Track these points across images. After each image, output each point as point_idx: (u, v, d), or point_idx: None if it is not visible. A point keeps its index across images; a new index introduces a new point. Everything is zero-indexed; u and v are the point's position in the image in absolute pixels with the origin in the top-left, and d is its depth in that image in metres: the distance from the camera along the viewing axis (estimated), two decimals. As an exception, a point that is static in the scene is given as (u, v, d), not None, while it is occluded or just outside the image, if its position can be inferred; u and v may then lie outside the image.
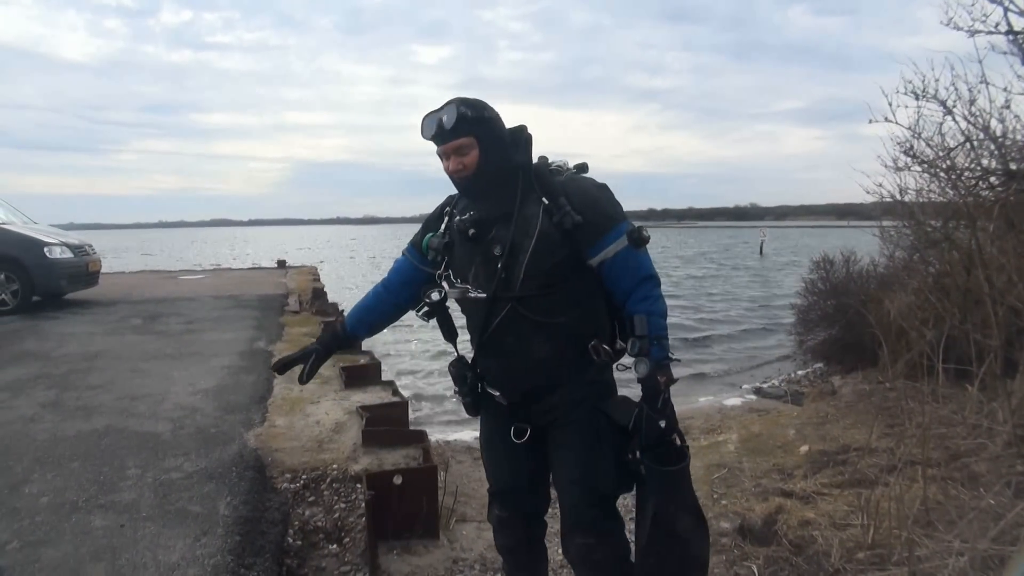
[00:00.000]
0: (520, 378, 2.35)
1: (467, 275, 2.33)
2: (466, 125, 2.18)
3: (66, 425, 4.90)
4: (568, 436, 2.35)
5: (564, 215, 2.18)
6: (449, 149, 2.22)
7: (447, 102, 2.21)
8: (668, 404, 2.18)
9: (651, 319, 2.19)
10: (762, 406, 8.05)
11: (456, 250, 2.38)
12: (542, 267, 2.21)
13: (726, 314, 16.71)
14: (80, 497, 3.75)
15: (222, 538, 3.35)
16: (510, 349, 2.30)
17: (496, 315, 2.26)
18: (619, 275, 2.27)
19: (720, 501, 4.30)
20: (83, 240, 11.84)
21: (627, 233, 2.23)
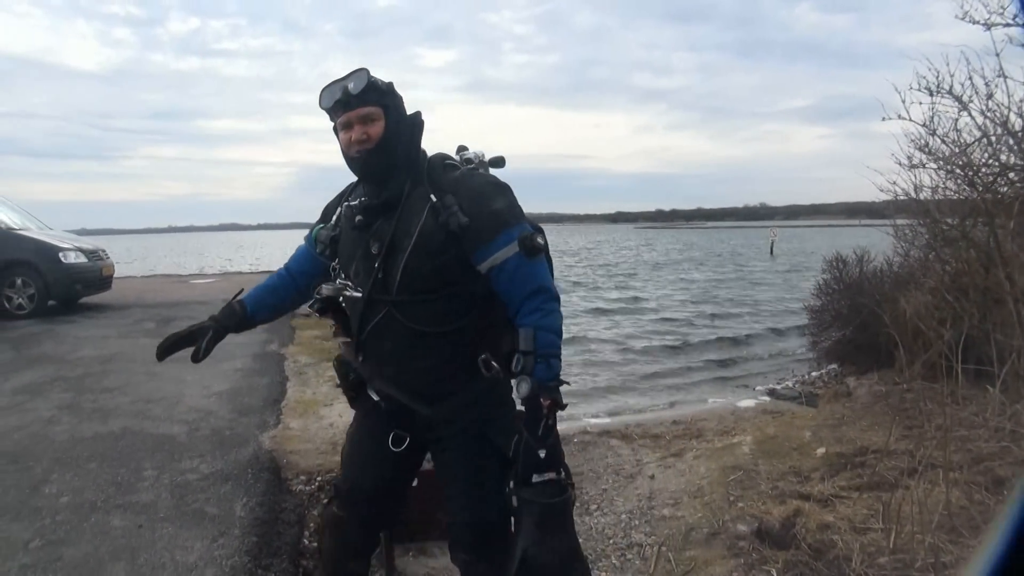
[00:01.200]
0: (398, 386, 2.18)
1: (350, 269, 2.19)
2: (375, 94, 2.06)
3: (83, 427, 5.03)
4: (452, 462, 2.25)
5: (450, 215, 2.02)
6: (354, 117, 2.05)
7: (350, 72, 2.07)
8: (550, 431, 1.96)
9: (539, 334, 1.99)
10: (776, 408, 8.04)
11: (343, 242, 2.24)
12: (421, 270, 2.05)
13: (737, 315, 16.66)
14: (99, 497, 3.86)
15: (239, 539, 3.44)
16: (386, 355, 2.16)
17: (371, 318, 2.13)
18: (507, 285, 2.07)
19: (737, 504, 4.32)
20: (96, 245, 12.03)
21: (519, 239, 2.04)
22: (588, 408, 8.60)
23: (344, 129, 2.09)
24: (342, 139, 2.11)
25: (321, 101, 2.10)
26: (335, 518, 2.50)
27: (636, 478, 5.02)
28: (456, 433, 2.20)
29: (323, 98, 2.09)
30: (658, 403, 9.03)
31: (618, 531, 4.15)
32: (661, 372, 10.74)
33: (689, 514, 4.22)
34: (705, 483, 4.71)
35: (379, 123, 2.06)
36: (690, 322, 15.43)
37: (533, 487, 1.93)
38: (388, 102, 2.08)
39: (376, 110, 2.06)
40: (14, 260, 10.48)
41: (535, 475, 1.93)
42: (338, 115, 2.08)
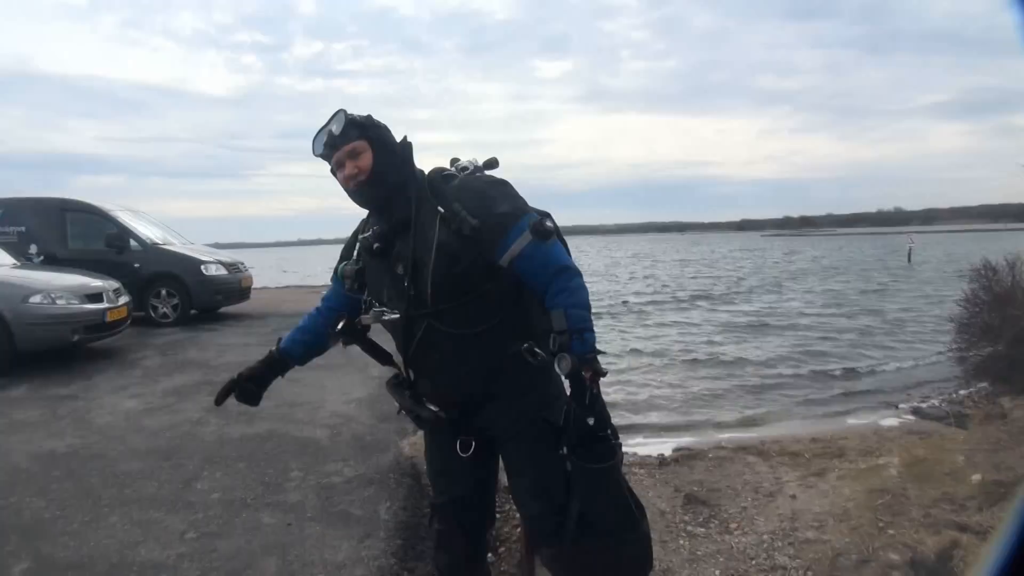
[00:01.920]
0: (452, 393, 2.28)
1: (382, 296, 2.27)
2: (356, 129, 2.17)
3: (230, 428, 5.25)
4: (517, 450, 2.32)
5: (461, 221, 2.11)
6: (342, 155, 2.17)
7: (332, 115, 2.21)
8: (596, 399, 2.06)
9: (569, 312, 2.08)
10: (922, 428, 7.60)
11: (368, 273, 2.33)
12: (449, 279, 2.13)
13: (875, 327, 15.90)
14: (248, 495, 4.02)
15: (384, 541, 3.50)
16: (436, 365, 2.23)
17: (414, 334, 2.20)
18: (531, 272, 2.16)
19: (886, 530, 4.09)
20: (235, 258, 12.64)
21: (530, 227, 2.13)
22: (719, 417, 8.41)
23: (339, 168, 2.20)
24: (339, 179, 2.22)
25: (313, 149, 2.23)
26: (439, 534, 2.56)
27: (776, 497, 4.83)
28: (515, 424, 2.27)
29: (315, 146, 2.23)
30: (793, 418, 8.72)
31: (760, 552, 3.99)
32: (794, 385, 10.35)
33: (835, 538, 4.03)
34: (851, 506, 4.49)
35: (366, 154, 2.16)
36: (823, 334, 14.83)
37: (584, 453, 2.05)
38: (371, 134, 2.19)
39: (361, 143, 2.16)
40: (159, 273, 11.17)
41: (586, 440, 2.04)
42: (330, 157, 2.20)
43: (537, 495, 2.29)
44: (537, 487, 2.28)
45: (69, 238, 11.34)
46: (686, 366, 11.44)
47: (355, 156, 2.15)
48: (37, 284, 7.73)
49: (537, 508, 2.30)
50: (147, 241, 11.44)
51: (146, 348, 8.91)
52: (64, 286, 7.88)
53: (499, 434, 2.31)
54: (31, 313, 7.36)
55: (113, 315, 8.19)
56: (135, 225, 11.66)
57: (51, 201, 11.63)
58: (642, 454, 6.23)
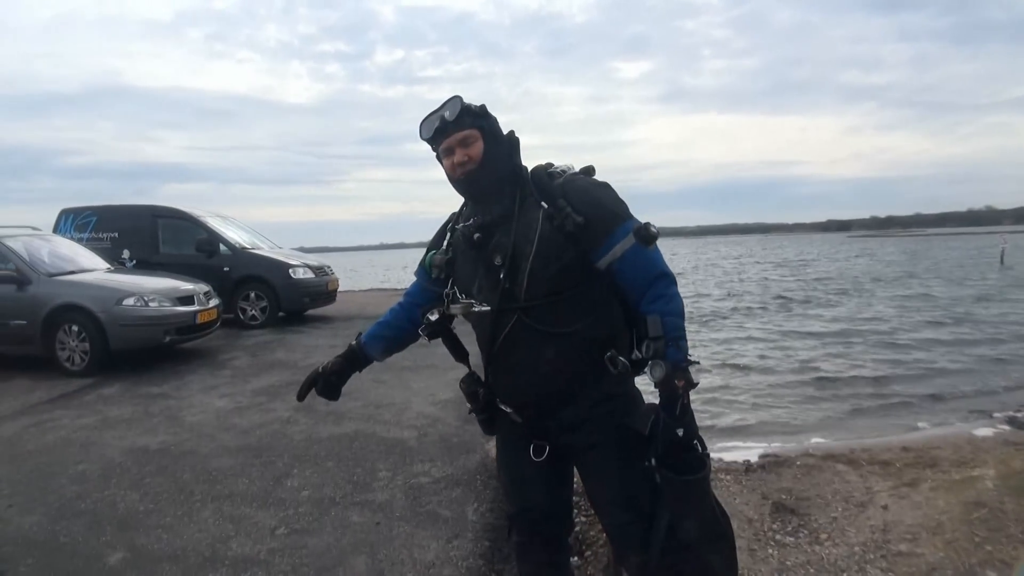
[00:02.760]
0: (532, 393, 2.23)
1: (471, 288, 2.24)
2: (470, 117, 2.16)
3: (319, 428, 5.32)
4: (598, 459, 2.25)
5: (565, 217, 2.09)
6: (454, 141, 2.16)
7: (446, 101, 2.20)
8: (687, 410, 2.04)
9: (666, 319, 2.07)
10: (1019, 438, 7.22)
11: (459, 264, 2.30)
12: (546, 274, 2.11)
13: (965, 331, 15.28)
14: (337, 494, 4.05)
15: (472, 542, 3.49)
16: (519, 363, 2.19)
17: (503, 328, 2.16)
18: (630, 276, 2.14)
19: (984, 546, 3.90)
20: (322, 262, 12.87)
21: (634, 231, 2.10)
22: (805, 422, 8.19)
23: (447, 155, 2.19)
24: (446, 165, 2.21)
25: (421, 133, 2.22)
26: (519, 545, 2.53)
27: (867, 507, 4.65)
28: (598, 432, 2.22)
29: (423, 130, 2.21)
30: (882, 425, 8.43)
31: (851, 564, 3.85)
32: (883, 391, 10.01)
33: (929, 552, 3.85)
34: (945, 519, 4.29)
35: (478, 144, 2.16)
36: (910, 340, 14.33)
37: (673, 465, 2.04)
38: (483, 124, 2.18)
39: (473, 132, 2.15)
40: (248, 276, 11.46)
41: (675, 451, 2.04)
42: (439, 143, 2.19)
43: (622, 504, 2.24)
44: (622, 496, 2.23)
45: (161, 243, 11.75)
46: (775, 373, 11.18)
47: (466, 144, 2.15)
48: (130, 287, 8.03)
49: (623, 518, 2.26)
50: (236, 245, 11.74)
51: (235, 349, 9.14)
52: (156, 289, 8.16)
53: (578, 441, 2.25)
54: (124, 315, 7.64)
55: (203, 317, 8.44)
56: (224, 230, 12.01)
57: (143, 208, 12.08)
58: (728, 460, 6.09)
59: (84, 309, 7.58)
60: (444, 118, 2.14)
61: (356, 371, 2.63)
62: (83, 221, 11.87)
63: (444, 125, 2.15)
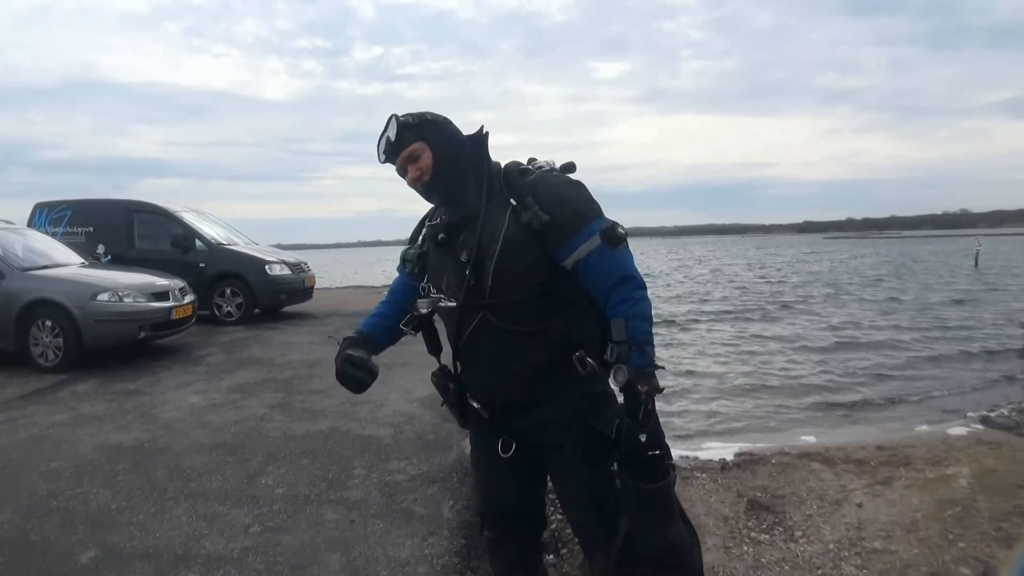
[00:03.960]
0: (497, 390, 2.24)
1: (441, 284, 2.26)
2: (410, 132, 2.17)
3: (294, 425, 5.31)
4: (565, 458, 2.24)
5: (532, 215, 2.08)
6: (403, 160, 2.19)
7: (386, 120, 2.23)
8: (650, 415, 2.01)
9: (630, 323, 2.04)
10: (991, 438, 7.36)
11: (431, 259, 2.33)
12: (511, 272, 2.10)
13: (940, 333, 15.43)
14: (312, 491, 4.05)
15: (448, 540, 3.50)
16: (485, 360, 2.21)
17: (467, 325, 2.17)
18: (594, 277, 2.12)
19: (957, 543, 3.97)
20: (299, 258, 12.84)
21: (600, 231, 2.09)
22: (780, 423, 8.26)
23: (404, 174, 2.23)
24: (407, 181, 2.24)
25: (379, 159, 2.25)
26: (490, 542, 2.54)
27: (842, 505, 4.72)
28: (565, 432, 2.21)
29: (378, 155, 2.25)
30: (857, 424, 8.52)
31: (827, 561, 3.90)
32: (857, 391, 10.11)
33: (903, 549, 3.92)
34: (919, 516, 4.36)
35: (425, 155, 2.17)
36: (884, 342, 14.48)
37: (635, 470, 2.01)
38: (426, 134, 2.19)
39: (418, 145, 2.17)
40: (224, 272, 11.41)
41: (636, 458, 2.01)
42: (393, 163, 2.23)
43: (586, 504, 2.25)
44: (586, 496, 2.24)
45: (136, 238, 11.67)
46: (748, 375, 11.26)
47: (414, 159, 2.18)
48: (104, 282, 7.95)
49: (586, 517, 2.27)
50: (212, 241, 11.70)
51: (210, 346, 9.10)
52: (130, 284, 8.09)
53: (545, 440, 2.25)
54: (98, 310, 7.57)
55: (178, 313, 8.39)
56: (200, 226, 11.94)
57: (119, 203, 11.99)
58: (704, 458, 6.15)
59: (58, 304, 7.50)
60: (388, 140, 2.18)
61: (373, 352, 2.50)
62: (57, 215, 11.77)
63: (390, 147, 2.19)
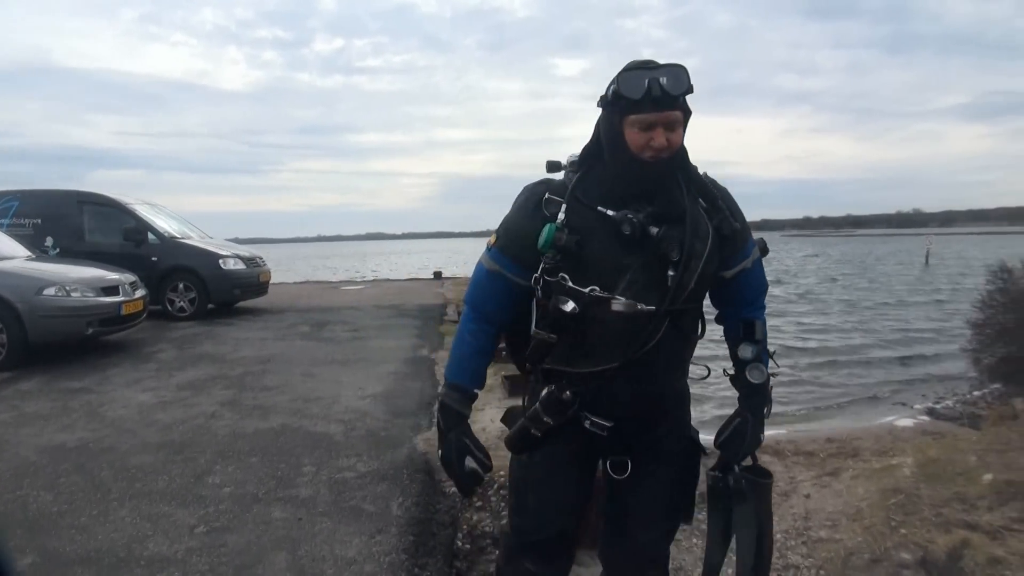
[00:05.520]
0: (653, 404, 2.04)
1: (613, 283, 1.90)
2: (683, 97, 1.85)
3: (244, 423, 5.25)
4: (661, 468, 2.11)
5: (723, 220, 1.96)
6: (662, 120, 1.81)
7: (663, 64, 1.83)
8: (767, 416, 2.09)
9: (766, 327, 2.12)
10: (936, 428, 7.56)
11: (594, 251, 1.91)
12: (707, 276, 1.97)
13: (891, 328, 15.75)
14: (260, 490, 4.00)
15: (396, 537, 3.47)
16: (660, 372, 1.99)
17: (656, 331, 1.92)
18: (750, 287, 2.12)
19: (899, 530, 4.06)
20: (254, 253, 12.69)
21: (758, 244, 2.11)
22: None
23: (643, 129, 1.83)
24: (635, 138, 1.84)
25: (625, 87, 1.82)
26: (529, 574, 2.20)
27: (790, 496, 4.81)
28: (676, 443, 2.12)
29: (630, 86, 1.82)
30: (808, 418, 8.66)
31: (773, 551, 3.97)
32: (808, 386, 10.28)
33: (848, 537, 4.00)
34: (864, 506, 4.46)
35: (679, 131, 1.88)
36: (838, 336, 14.73)
37: (756, 469, 2.06)
38: (686, 108, 1.88)
39: (681, 116, 1.86)
40: (177, 266, 11.21)
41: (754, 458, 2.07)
42: (642, 111, 1.82)
43: (663, 519, 2.16)
44: (667, 512, 2.16)
45: (86, 231, 11.41)
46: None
47: (671, 128, 1.84)
48: (51, 276, 7.75)
49: (657, 533, 2.17)
50: (165, 235, 11.49)
51: (162, 342, 8.96)
52: (79, 278, 7.91)
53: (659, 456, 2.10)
54: (44, 305, 7.39)
55: (129, 308, 8.24)
56: (153, 218, 11.72)
57: (68, 194, 11.70)
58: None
59: (1, 299, 7.28)
60: (664, 88, 1.79)
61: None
62: (3, 206, 11.44)
63: (663, 97, 1.80)
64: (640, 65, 1.84)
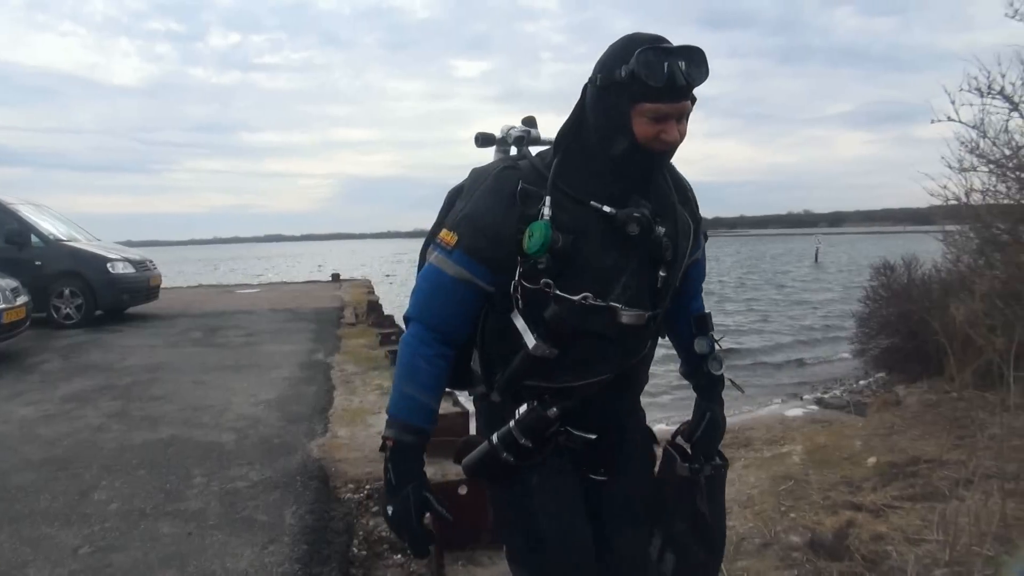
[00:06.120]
0: (625, 411, 1.94)
1: (607, 288, 1.69)
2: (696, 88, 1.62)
3: (132, 434, 5.08)
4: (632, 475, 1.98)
5: (692, 211, 1.81)
6: (677, 111, 1.59)
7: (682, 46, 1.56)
8: None
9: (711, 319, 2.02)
10: (825, 417, 7.94)
11: (587, 253, 1.67)
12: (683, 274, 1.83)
13: (783, 323, 16.38)
14: (148, 504, 3.88)
15: (289, 547, 3.42)
16: (639, 378, 1.91)
17: (649, 337, 1.80)
18: (696, 277, 1.99)
19: (788, 514, 4.24)
20: (144, 256, 12.24)
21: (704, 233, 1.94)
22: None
23: (655, 119, 1.58)
24: (643, 128, 1.59)
25: (646, 70, 1.53)
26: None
27: (684, 487, 4.96)
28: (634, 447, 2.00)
29: (652, 71, 1.52)
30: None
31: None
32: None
33: (740, 524, 4.14)
34: (755, 492, 4.64)
35: (685, 122, 1.64)
36: (731, 331, 15.19)
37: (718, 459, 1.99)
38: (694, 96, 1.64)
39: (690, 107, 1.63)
40: (63, 271, 10.70)
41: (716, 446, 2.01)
42: (660, 100, 1.56)
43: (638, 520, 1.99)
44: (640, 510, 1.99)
45: (-38, 233, 10.78)
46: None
47: (681, 119, 1.62)
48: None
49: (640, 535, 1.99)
50: (50, 237, 10.95)
51: (46, 351, 8.57)
52: (-46, 288, 7.48)
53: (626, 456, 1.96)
54: (-82, 317, 6.96)
55: (10, 316, 7.84)
56: (37, 220, 11.15)
57: (-57, 193, 11.03)
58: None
59: None
60: (688, 77, 1.54)
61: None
62: None
63: (685, 83, 1.55)
64: (653, 41, 1.56)
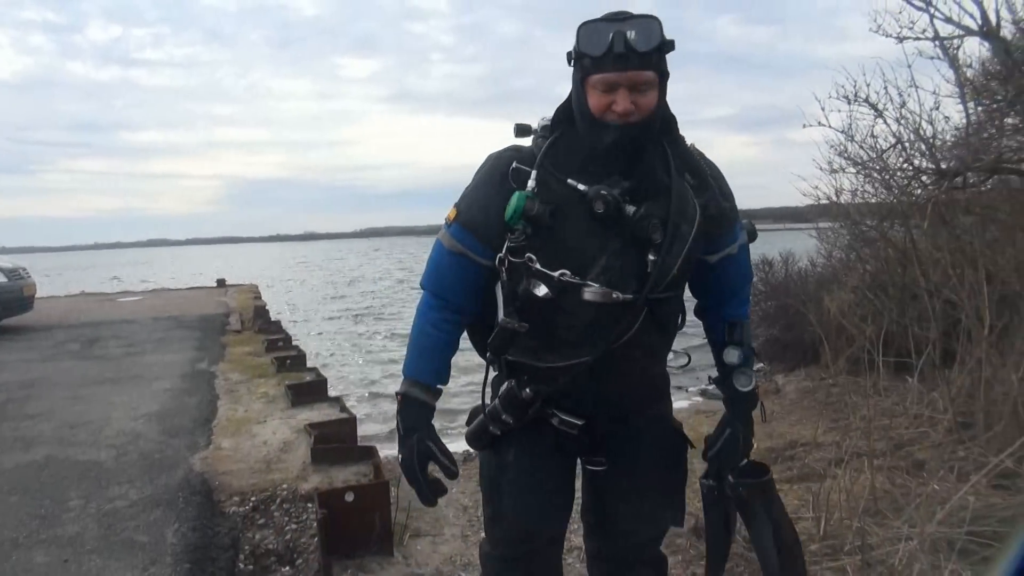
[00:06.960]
0: (630, 400, 1.88)
1: (586, 267, 1.67)
2: (658, 55, 1.58)
3: (3, 458, 4.78)
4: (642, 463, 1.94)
5: (710, 198, 1.73)
6: (625, 80, 1.56)
7: (634, 15, 1.56)
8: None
9: (749, 326, 1.94)
10: (708, 407, 8.18)
11: (565, 229, 1.67)
12: (691, 261, 1.74)
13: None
14: (20, 533, 3.66)
15: (171, 567, 3.30)
16: (636, 367, 1.82)
17: (633, 323, 1.70)
18: (735, 275, 1.92)
19: None
20: (16, 264, 11.52)
21: (746, 227, 1.90)
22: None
23: (605, 90, 1.58)
24: (596, 100, 1.60)
25: (584, 43, 1.58)
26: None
27: (571, 482, 5.03)
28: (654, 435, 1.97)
29: (589, 40, 1.57)
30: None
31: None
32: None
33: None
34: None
35: (652, 94, 1.60)
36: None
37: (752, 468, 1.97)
38: (663, 68, 1.61)
39: (653, 76, 1.58)
40: (-75, 282, 9.95)
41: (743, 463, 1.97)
42: (604, 70, 1.57)
43: (651, 519, 1.99)
44: (655, 509, 1.97)
45: None
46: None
47: (640, 90, 1.57)
48: None
49: (645, 533, 2.00)
50: (-92, 249, 10.23)
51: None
52: None
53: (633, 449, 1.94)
54: None
55: None
56: None
57: None
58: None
59: None
60: (630, 44, 1.52)
61: None
62: None
63: (628, 54, 1.53)
64: (609, 17, 1.58)
